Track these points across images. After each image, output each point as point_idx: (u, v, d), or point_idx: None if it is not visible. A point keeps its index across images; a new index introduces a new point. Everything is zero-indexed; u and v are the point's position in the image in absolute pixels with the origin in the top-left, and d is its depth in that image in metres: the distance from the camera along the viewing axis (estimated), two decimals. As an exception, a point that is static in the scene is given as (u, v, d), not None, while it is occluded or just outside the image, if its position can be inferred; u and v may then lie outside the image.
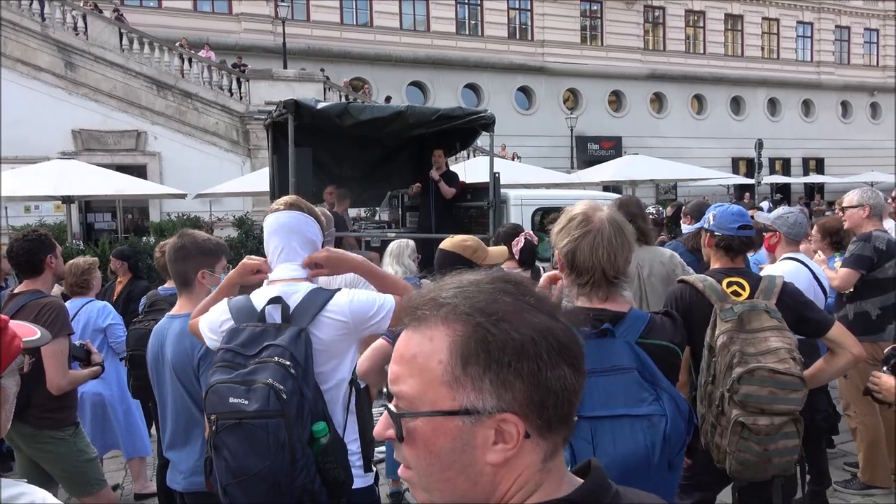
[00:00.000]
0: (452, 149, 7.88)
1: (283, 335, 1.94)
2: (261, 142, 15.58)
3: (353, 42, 23.92)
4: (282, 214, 2.18)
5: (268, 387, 1.82)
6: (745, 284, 2.49)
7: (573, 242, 1.93)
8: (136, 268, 5.85)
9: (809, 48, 32.71)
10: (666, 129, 28.48)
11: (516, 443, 0.74)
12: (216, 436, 1.86)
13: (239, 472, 1.82)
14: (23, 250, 3.25)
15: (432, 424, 0.74)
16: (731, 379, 2.28)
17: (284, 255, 2.16)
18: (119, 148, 16.53)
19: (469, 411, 0.73)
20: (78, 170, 11.81)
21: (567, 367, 0.75)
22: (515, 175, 12.63)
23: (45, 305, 3.12)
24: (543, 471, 0.77)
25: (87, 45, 16.10)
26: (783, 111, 31.64)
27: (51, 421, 3.20)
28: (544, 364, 0.73)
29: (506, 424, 0.73)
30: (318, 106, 6.33)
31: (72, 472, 3.27)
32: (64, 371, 3.14)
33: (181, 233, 2.68)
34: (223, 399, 1.85)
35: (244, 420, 1.82)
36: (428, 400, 0.74)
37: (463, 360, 0.73)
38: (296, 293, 2.07)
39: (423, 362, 0.75)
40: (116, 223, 17.27)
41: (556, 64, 26.94)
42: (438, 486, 0.76)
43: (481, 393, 0.73)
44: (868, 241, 3.99)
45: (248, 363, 1.89)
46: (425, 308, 0.77)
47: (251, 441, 1.82)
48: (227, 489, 1.87)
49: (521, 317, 0.75)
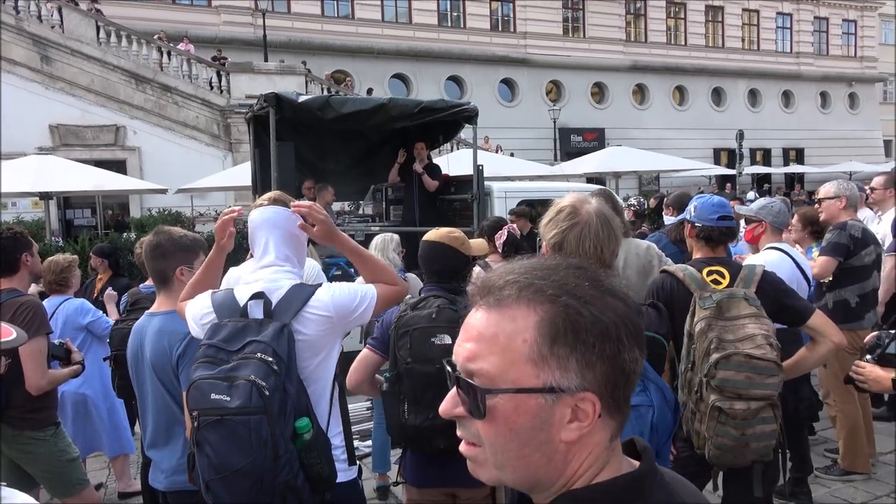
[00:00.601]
0: (436, 141, 7.87)
1: (265, 331, 1.93)
2: (242, 136, 15.44)
3: (335, 34, 23.75)
4: (266, 210, 2.18)
5: (250, 383, 1.81)
6: (726, 273, 2.53)
7: (560, 234, 1.95)
8: (116, 265, 5.79)
9: (789, 39, 33.00)
10: (648, 120, 28.64)
11: (591, 421, 0.77)
12: (198, 432, 1.85)
13: (221, 468, 1.82)
14: (4, 248, 3.18)
15: (514, 401, 0.76)
16: (707, 364, 2.32)
17: (266, 251, 2.15)
18: (98, 143, 16.30)
19: (553, 389, 0.76)
20: (56, 165, 11.64)
21: (638, 350, 0.80)
22: (499, 167, 12.63)
23: (21, 304, 3.07)
24: (609, 449, 0.81)
25: (64, 38, 15.84)
26: (763, 102, 31.93)
27: (31, 422, 3.16)
28: (623, 347, 0.77)
29: (583, 403, 0.77)
30: (300, 99, 6.27)
31: (53, 472, 3.23)
32: (43, 371, 3.09)
33: (157, 230, 2.64)
34: (205, 395, 1.84)
35: (226, 416, 1.81)
36: (510, 378, 0.77)
37: (551, 340, 0.76)
38: (278, 289, 2.06)
39: (505, 341, 0.77)
40: (96, 219, 17.04)
41: (539, 56, 26.95)
42: (513, 462, 0.79)
43: (566, 372, 0.76)
44: (844, 230, 4.07)
45: (231, 359, 1.88)
46: (506, 289, 0.79)
47: (233, 437, 1.81)
48: (210, 485, 1.86)
49: (603, 301, 0.78)
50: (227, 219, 2.26)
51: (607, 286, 0.81)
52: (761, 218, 3.62)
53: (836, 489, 4.11)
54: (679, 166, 18.37)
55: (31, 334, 2.95)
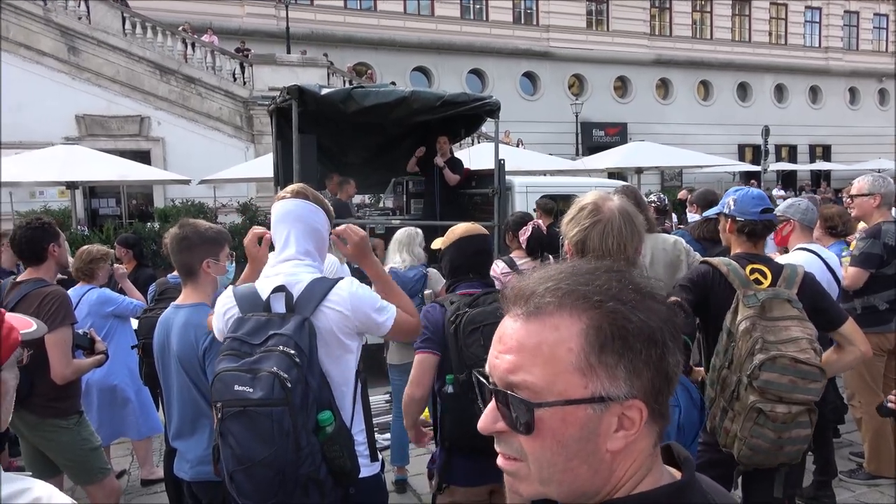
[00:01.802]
0: (457, 135, 7.84)
1: (287, 324, 1.94)
2: (264, 127, 15.53)
3: (357, 27, 23.76)
4: (288, 202, 2.18)
5: (272, 375, 1.83)
6: (767, 272, 2.49)
7: (583, 231, 1.93)
8: (141, 255, 5.86)
9: (817, 34, 32.38)
10: (672, 115, 28.31)
11: (637, 429, 0.75)
12: (222, 423, 1.88)
13: (244, 459, 1.84)
14: (25, 239, 3.23)
15: (562, 414, 0.74)
16: (752, 365, 2.27)
17: (287, 244, 2.16)
18: (123, 133, 16.50)
19: (602, 399, 0.74)
20: (82, 155, 11.82)
21: (679, 352, 0.78)
22: (520, 162, 12.57)
23: (47, 294, 3.11)
24: (653, 455, 0.79)
25: (90, 29, 16.02)
26: (790, 97, 31.40)
27: (54, 410, 3.20)
28: (668, 350, 0.76)
29: (630, 411, 0.74)
30: (322, 92, 6.27)
31: (76, 460, 3.27)
32: (68, 360, 3.13)
33: (182, 222, 2.64)
34: (228, 387, 1.87)
35: (248, 408, 1.84)
36: (557, 389, 0.74)
37: (599, 348, 0.74)
38: (299, 283, 2.07)
39: (549, 351, 0.74)
40: (121, 209, 17.27)
41: (562, 49, 26.74)
42: (559, 476, 0.76)
43: (615, 380, 0.74)
44: (878, 238, 3.89)
45: (255, 352, 1.91)
46: (546, 296, 0.76)
47: (255, 428, 1.83)
48: (234, 476, 1.88)
49: (647, 304, 0.76)
50: (257, 233, 2.29)
51: (647, 289, 0.79)
52: (789, 216, 3.54)
53: (861, 493, 4.04)
54: (702, 162, 18.16)
55: (57, 324, 3.01)
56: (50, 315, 3.01)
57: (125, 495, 4.51)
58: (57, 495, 1.12)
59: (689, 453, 0.84)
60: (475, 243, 2.69)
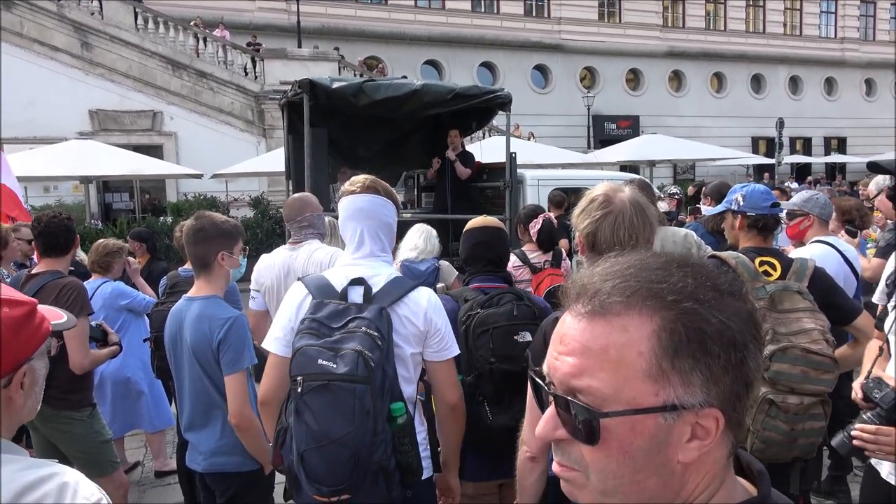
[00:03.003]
0: (468, 128, 7.81)
1: (366, 311, 1.93)
2: (276, 122, 15.56)
3: (368, 20, 23.73)
4: (359, 198, 2.14)
5: (357, 353, 1.81)
6: (777, 265, 2.47)
7: (594, 223, 1.91)
8: (154, 248, 5.89)
9: (833, 24, 31.95)
10: (684, 107, 28.09)
11: (713, 438, 0.68)
12: (300, 398, 1.82)
13: (321, 436, 1.78)
14: (60, 228, 3.29)
15: (630, 423, 0.67)
16: (762, 356, 2.25)
17: (362, 242, 2.12)
18: (135, 128, 16.60)
19: (675, 407, 0.67)
20: (96, 150, 11.90)
21: (760, 353, 0.70)
22: (531, 155, 12.52)
23: (65, 286, 3.14)
24: (727, 466, 0.73)
25: (103, 24, 16.10)
26: (805, 89, 31.04)
27: (69, 402, 3.24)
28: (749, 354, 0.69)
29: (705, 420, 0.68)
30: (334, 85, 6.27)
31: (87, 452, 3.30)
32: (86, 351, 3.17)
33: (198, 214, 2.64)
34: (311, 361, 1.83)
35: (332, 382, 1.79)
36: (626, 397, 0.67)
37: (673, 352, 0.67)
38: (377, 276, 2.06)
39: (617, 354, 0.68)
40: (134, 203, 17.39)
41: (573, 42, 26.57)
42: (625, 489, 0.70)
43: (690, 387, 0.67)
44: None
45: (334, 334, 1.88)
46: (613, 294, 0.69)
47: (338, 404, 1.78)
48: (305, 455, 1.82)
49: (725, 303, 0.69)
50: None
51: (726, 286, 0.71)
52: (807, 211, 3.49)
53: (876, 488, 4.00)
54: (716, 155, 18.00)
55: (75, 315, 3.03)
56: (68, 306, 3.04)
57: (139, 486, 4.55)
58: (84, 481, 1.13)
59: (761, 465, 0.78)
60: (475, 235, 2.68)
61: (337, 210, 2.27)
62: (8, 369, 1.14)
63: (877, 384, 1.94)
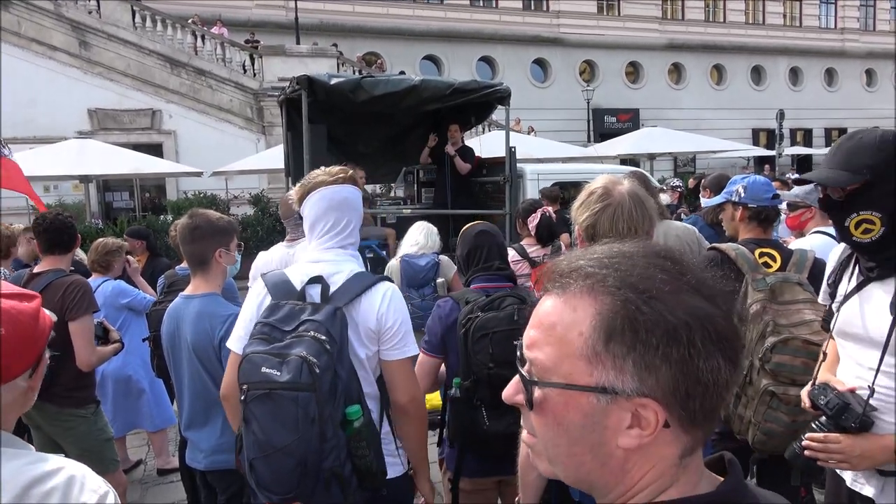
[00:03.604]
0: (468, 123, 7.79)
1: (320, 312, 1.90)
2: (275, 119, 15.54)
3: (366, 16, 23.67)
4: (344, 189, 2.10)
5: (301, 359, 1.78)
6: (777, 256, 2.47)
7: (593, 216, 1.91)
8: (153, 246, 5.88)
9: (833, 15, 31.84)
10: (684, 100, 28.02)
11: (653, 430, 0.69)
12: (246, 407, 1.82)
13: (266, 445, 1.77)
14: (62, 226, 3.31)
15: (564, 397, 0.71)
16: (763, 348, 2.25)
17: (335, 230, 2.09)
18: (135, 127, 16.59)
19: (606, 390, 0.70)
20: (95, 149, 11.91)
21: (723, 359, 0.69)
22: (531, 149, 12.50)
23: (71, 284, 3.16)
24: (680, 466, 0.72)
25: (101, 23, 16.07)
26: (805, 80, 30.96)
27: (74, 399, 3.25)
28: (697, 352, 0.68)
29: (644, 410, 0.69)
30: (332, 81, 6.26)
31: (90, 450, 3.31)
32: (93, 348, 3.19)
33: (192, 213, 2.64)
34: (256, 368, 1.81)
35: (274, 391, 1.77)
36: (563, 371, 0.71)
37: (606, 336, 0.69)
38: (338, 273, 2.02)
39: (562, 332, 0.72)
40: (134, 202, 17.39)
41: (572, 35, 26.49)
42: (564, 460, 0.74)
43: (622, 373, 0.69)
44: None
45: (284, 338, 1.86)
46: (572, 276, 0.73)
47: (280, 413, 1.76)
48: (254, 464, 1.82)
49: (677, 297, 0.69)
50: None
51: (691, 281, 0.71)
52: (810, 203, 3.48)
53: (878, 479, 4.00)
54: (716, 147, 17.98)
55: (81, 313, 3.08)
56: (75, 304, 3.07)
57: (142, 484, 4.56)
58: (91, 475, 1.13)
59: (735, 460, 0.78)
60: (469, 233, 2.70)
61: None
62: (33, 360, 1.17)
63: (822, 390, 1.88)
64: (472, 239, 2.66)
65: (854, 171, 1.73)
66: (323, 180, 2.10)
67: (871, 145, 1.76)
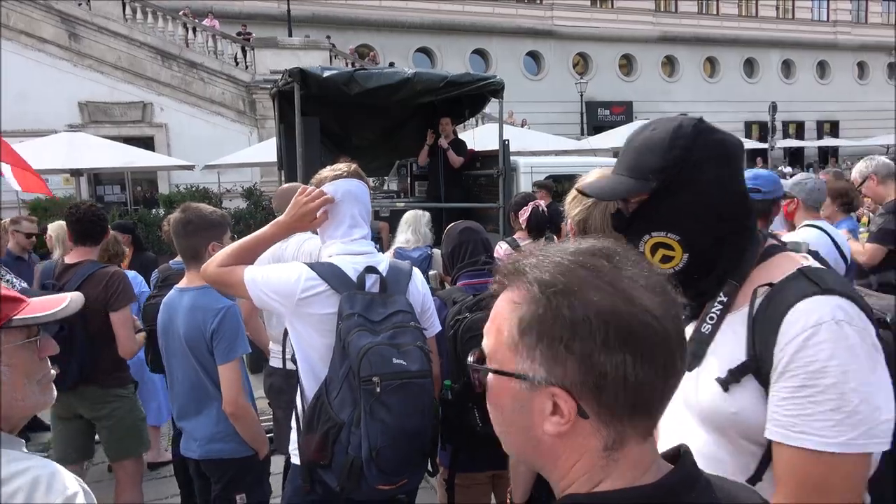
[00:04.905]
0: (461, 116, 7.77)
1: (398, 302, 2.02)
2: (267, 111, 15.46)
3: (359, 8, 23.56)
4: (352, 182, 2.16)
5: (419, 349, 1.93)
6: None
7: (585, 210, 1.91)
8: (139, 240, 5.81)
9: (825, 7, 31.92)
10: (678, 92, 28.06)
11: (568, 419, 0.73)
12: (375, 398, 1.84)
13: (398, 431, 1.86)
14: (95, 217, 3.38)
15: (498, 381, 0.78)
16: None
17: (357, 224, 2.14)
18: (126, 120, 16.47)
19: (523, 377, 0.75)
20: (86, 142, 11.79)
21: (630, 356, 0.71)
22: (525, 142, 12.49)
23: (112, 275, 3.24)
24: (609, 459, 0.75)
25: (91, 15, 15.94)
26: (797, 73, 31.04)
27: (118, 379, 3.36)
28: (597, 348, 0.71)
29: (561, 400, 0.73)
30: (325, 74, 6.22)
31: (131, 429, 3.38)
32: (133, 336, 3.31)
33: (184, 207, 2.67)
34: (387, 360, 1.87)
35: (408, 380, 1.88)
36: (497, 358, 0.78)
37: (519, 328, 0.75)
38: (380, 263, 2.12)
39: (498, 323, 0.79)
40: (126, 196, 17.29)
41: (566, 28, 26.46)
42: (504, 438, 0.82)
43: (533, 363, 0.74)
44: (895, 214, 3.91)
45: (378, 328, 1.93)
46: (510, 271, 0.80)
47: (413, 400, 1.89)
48: (381, 452, 1.85)
49: (584, 294, 0.72)
50: (325, 199, 2.09)
51: (612, 278, 0.73)
52: (794, 194, 3.54)
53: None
54: (709, 140, 17.98)
55: (123, 303, 3.22)
56: (118, 294, 3.18)
57: (135, 479, 4.56)
58: (60, 476, 1.12)
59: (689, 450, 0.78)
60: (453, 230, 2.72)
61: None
62: None
63: None
64: (457, 236, 2.67)
65: (639, 176, 1.24)
66: (330, 175, 2.15)
67: (661, 142, 1.23)
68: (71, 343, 3.09)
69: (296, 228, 2.10)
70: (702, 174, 1.20)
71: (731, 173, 1.23)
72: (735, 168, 1.25)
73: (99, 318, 3.16)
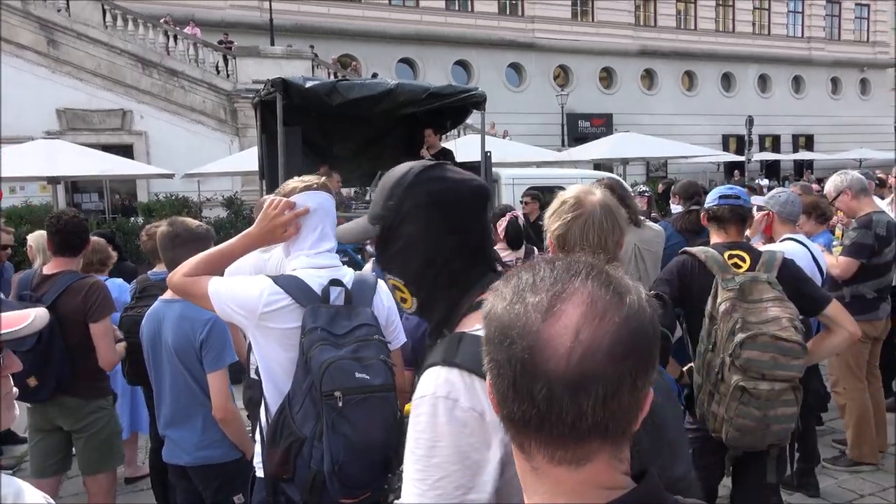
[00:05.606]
0: (443, 127, 7.82)
1: (362, 315, 2.01)
2: (249, 120, 15.40)
3: (341, 18, 23.58)
4: (321, 194, 2.11)
5: (382, 362, 1.93)
6: (746, 257, 2.56)
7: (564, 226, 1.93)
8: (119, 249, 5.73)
9: (800, 23, 32.58)
10: (657, 105, 28.41)
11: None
12: (338, 412, 1.84)
13: (361, 446, 1.86)
14: (76, 228, 3.32)
15: None
16: (732, 344, 2.32)
17: (324, 237, 2.11)
18: (105, 127, 16.30)
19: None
20: (64, 150, 11.62)
21: (499, 376, 0.73)
22: (506, 153, 12.57)
23: (91, 286, 3.20)
24: (533, 472, 0.74)
25: (70, 21, 15.78)
26: (773, 88, 31.61)
27: (98, 390, 3.34)
28: (491, 363, 0.74)
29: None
30: (307, 84, 6.24)
31: (108, 442, 3.36)
32: (114, 347, 3.28)
33: (171, 220, 2.76)
34: (349, 375, 1.86)
35: (370, 394, 1.88)
36: None
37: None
38: (345, 276, 2.11)
39: None
40: (104, 204, 17.07)
41: (547, 40, 26.71)
42: None
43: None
44: (869, 228, 3.97)
45: (342, 342, 1.92)
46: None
47: (378, 414, 1.88)
48: (343, 466, 1.85)
49: (513, 308, 0.75)
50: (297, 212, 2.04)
51: (521, 290, 0.74)
52: (769, 208, 3.62)
53: (843, 480, 4.10)
54: (687, 153, 18.25)
55: (103, 314, 3.19)
56: (97, 305, 3.15)
57: (111, 493, 4.48)
58: (24, 493, 1.10)
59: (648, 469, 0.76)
60: None
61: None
62: None
63: None
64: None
65: (370, 220, 1.29)
66: (298, 187, 2.11)
67: (384, 189, 1.27)
68: (48, 355, 3.06)
69: (265, 241, 2.08)
70: (412, 223, 1.21)
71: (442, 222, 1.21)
72: (451, 216, 1.22)
73: (78, 329, 3.13)
